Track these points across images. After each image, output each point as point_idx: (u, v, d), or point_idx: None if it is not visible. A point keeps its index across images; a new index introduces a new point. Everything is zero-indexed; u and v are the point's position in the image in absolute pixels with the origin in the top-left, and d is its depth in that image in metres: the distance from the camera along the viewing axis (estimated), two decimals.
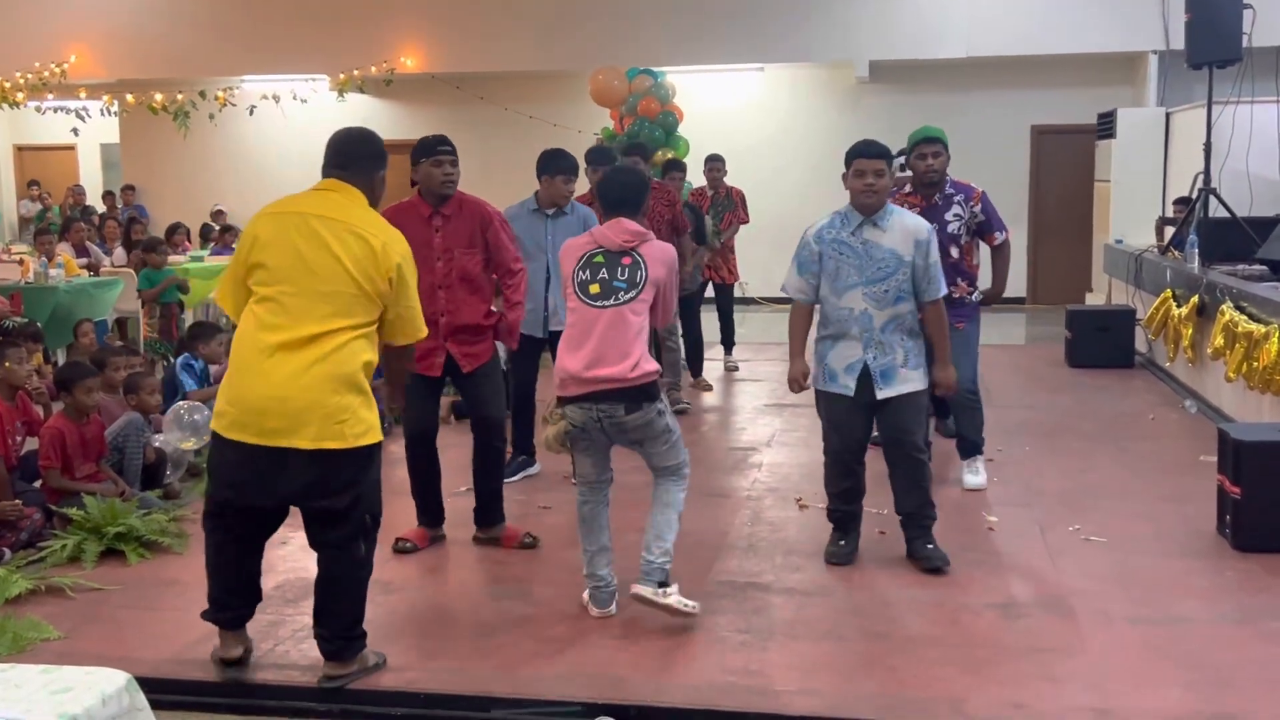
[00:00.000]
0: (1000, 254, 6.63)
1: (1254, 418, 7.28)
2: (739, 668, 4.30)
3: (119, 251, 13.34)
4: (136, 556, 5.56)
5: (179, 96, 15.79)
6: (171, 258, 13.57)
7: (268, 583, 5.14)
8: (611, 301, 4.53)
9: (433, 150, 5.51)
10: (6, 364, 6.14)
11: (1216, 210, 9.63)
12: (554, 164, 6.67)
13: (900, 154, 7.05)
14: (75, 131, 16.29)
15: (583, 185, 7.26)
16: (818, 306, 5.32)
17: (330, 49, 15.99)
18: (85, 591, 5.14)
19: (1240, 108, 9.87)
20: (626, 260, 4.60)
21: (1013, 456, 7.27)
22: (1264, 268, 8.65)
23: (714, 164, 10.52)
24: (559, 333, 4.86)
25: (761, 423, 8.48)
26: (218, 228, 15.79)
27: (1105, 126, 13.47)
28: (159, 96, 15.79)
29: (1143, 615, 4.68)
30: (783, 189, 16.10)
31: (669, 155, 13.79)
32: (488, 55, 15.88)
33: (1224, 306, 7.72)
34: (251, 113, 16.34)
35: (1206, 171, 9.59)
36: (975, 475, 6.62)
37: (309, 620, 4.58)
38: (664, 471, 4.76)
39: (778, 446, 7.77)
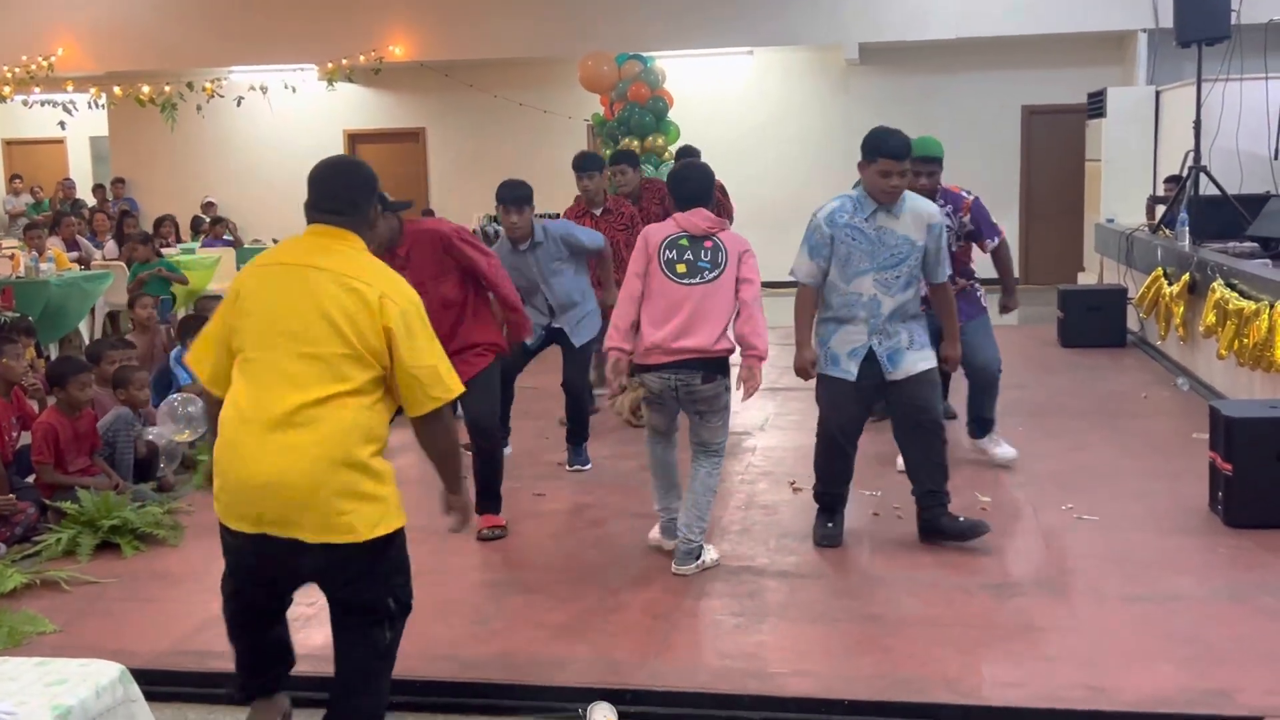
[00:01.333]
0: (999, 258, 6.63)
1: (1245, 395, 7.30)
2: (734, 651, 4.31)
3: (110, 245, 13.32)
4: (131, 549, 5.56)
5: (166, 88, 15.74)
6: (163, 250, 13.58)
7: None
8: (698, 280, 4.95)
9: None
10: (4, 360, 6.14)
11: (1207, 188, 9.64)
12: (500, 196, 6.44)
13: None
14: (62, 125, 16.22)
15: (568, 189, 7.31)
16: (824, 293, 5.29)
17: (318, 38, 15.94)
18: (80, 585, 5.15)
19: (1230, 85, 9.86)
20: (708, 244, 5.03)
21: (1006, 437, 7.27)
22: (1254, 245, 8.66)
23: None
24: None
25: (755, 407, 8.48)
26: (208, 219, 15.76)
27: (1095, 106, 13.47)
28: (146, 89, 15.74)
29: (1136, 593, 4.70)
30: (774, 172, 16.11)
31: (659, 140, 13.79)
32: (476, 42, 15.84)
33: (1215, 284, 7.73)
34: (239, 104, 16.29)
35: (1197, 149, 9.60)
36: (1004, 448, 6.71)
37: (306, 610, 4.59)
38: (707, 448, 5.14)
39: (771, 431, 7.78)
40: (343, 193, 3.53)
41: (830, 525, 5.45)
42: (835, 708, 3.91)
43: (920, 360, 5.21)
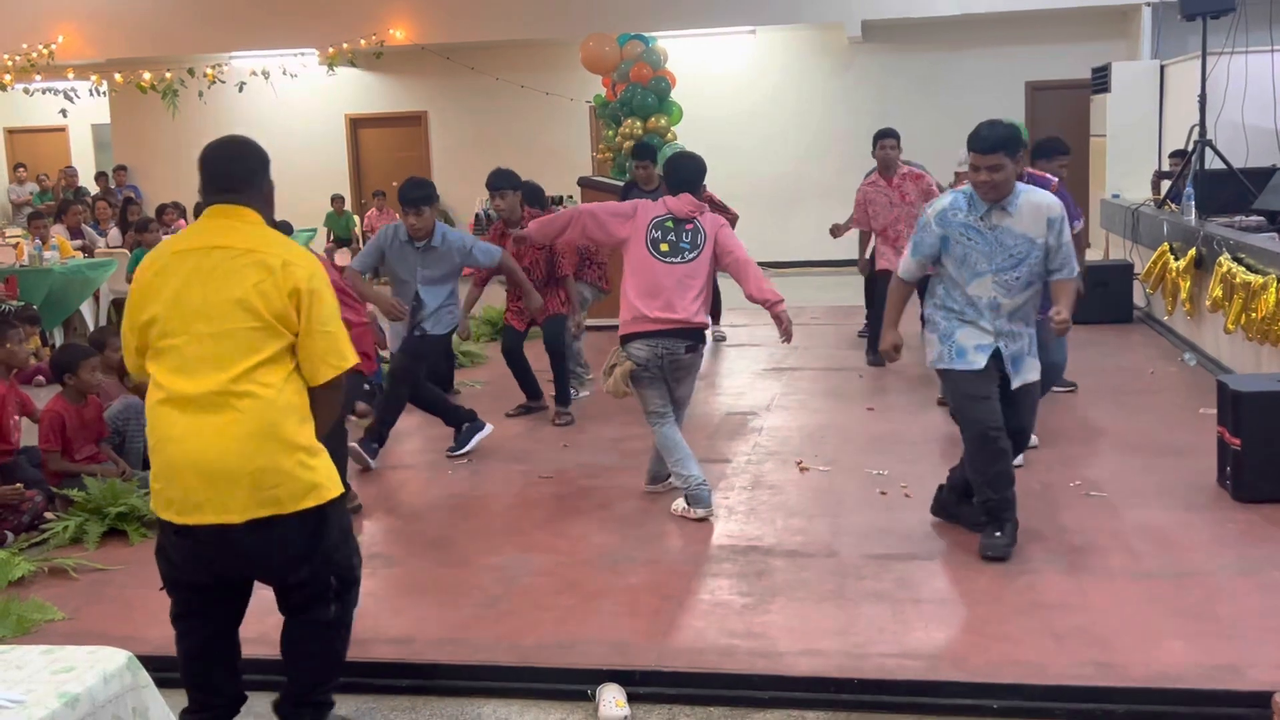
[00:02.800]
0: (1075, 243, 5.97)
1: (1253, 369, 7.27)
2: (742, 630, 4.31)
3: (114, 232, 13.32)
4: (139, 536, 5.56)
5: (167, 75, 15.71)
6: (166, 236, 13.56)
7: None
8: (679, 260, 5.53)
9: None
10: (7, 345, 6.13)
11: (1213, 162, 9.60)
12: (401, 196, 6.51)
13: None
14: (64, 113, 16.21)
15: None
16: (941, 287, 4.99)
17: (318, 23, 15.90)
18: (88, 572, 5.15)
19: (1235, 58, 9.80)
20: (689, 226, 5.60)
21: None
22: (1261, 218, 8.63)
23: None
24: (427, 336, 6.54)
25: (760, 387, 8.48)
26: None
27: (1100, 81, 13.39)
28: (147, 75, 15.71)
29: (1144, 569, 4.69)
30: (776, 151, 16.06)
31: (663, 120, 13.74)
32: (478, 25, 15.79)
33: (1221, 258, 7.70)
34: (241, 89, 16.26)
35: (1202, 123, 9.55)
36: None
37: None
38: (680, 405, 5.79)
39: (777, 410, 7.77)
40: (235, 170, 3.54)
41: (998, 535, 4.90)
42: (844, 686, 3.91)
43: (1034, 369, 4.97)
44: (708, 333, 5.64)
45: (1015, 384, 4.89)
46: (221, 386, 3.28)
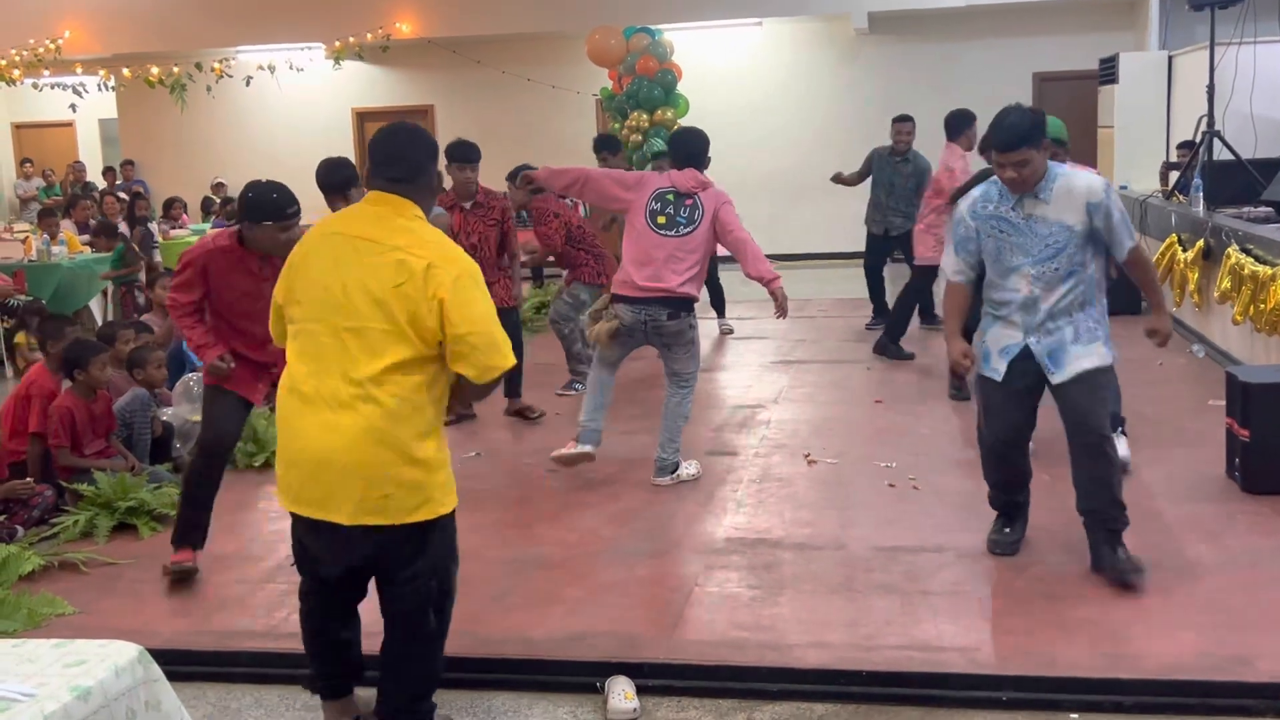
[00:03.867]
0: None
1: (1262, 360, 7.26)
2: (750, 623, 4.31)
3: (121, 227, 13.32)
4: (148, 530, 5.58)
5: (175, 69, 15.72)
6: (174, 231, 13.60)
7: (280, 552, 5.18)
8: (673, 233, 5.78)
9: (282, 214, 4.69)
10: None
11: (1221, 153, 9.56)
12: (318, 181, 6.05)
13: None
14: (73, 108, 16.23)
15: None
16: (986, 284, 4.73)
17: (325, 16, 15.88)
18: (99, 566, 5.17)
19: (1243, 48, 9.76)
20: (689, 201, 5.83)
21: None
22: (1269, 209, 8.60)
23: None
24: None
25: (768, 380, 8.48)
26: (218, 200, 15.76)
27: (1107, 71, 13.35)
28: (155, 70, 15.72)
29: (1154, 560, 4.67)
30: (783, 143, 16.02)
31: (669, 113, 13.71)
32: (484, 18, 15.77)
33: (1230, 249, 7.68)
34: (248, 84, 16.26)
35: (1210, 114, 9.51)
36: (1124, 447, 5.72)
37: None
38: (678, 378, 5.99)
39: (785, 403, 7.76)
40: (403, 159, 3.44)
41: (1007, 530, 4.89)
42: (853, 679, 3.91)
43: (1086, 356, 4.51)
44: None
45: (1056, 379, 4.53)
46: (347, 385, 3.25)
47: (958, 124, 8.58)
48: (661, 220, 5.79)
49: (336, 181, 6.00)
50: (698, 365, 6.06)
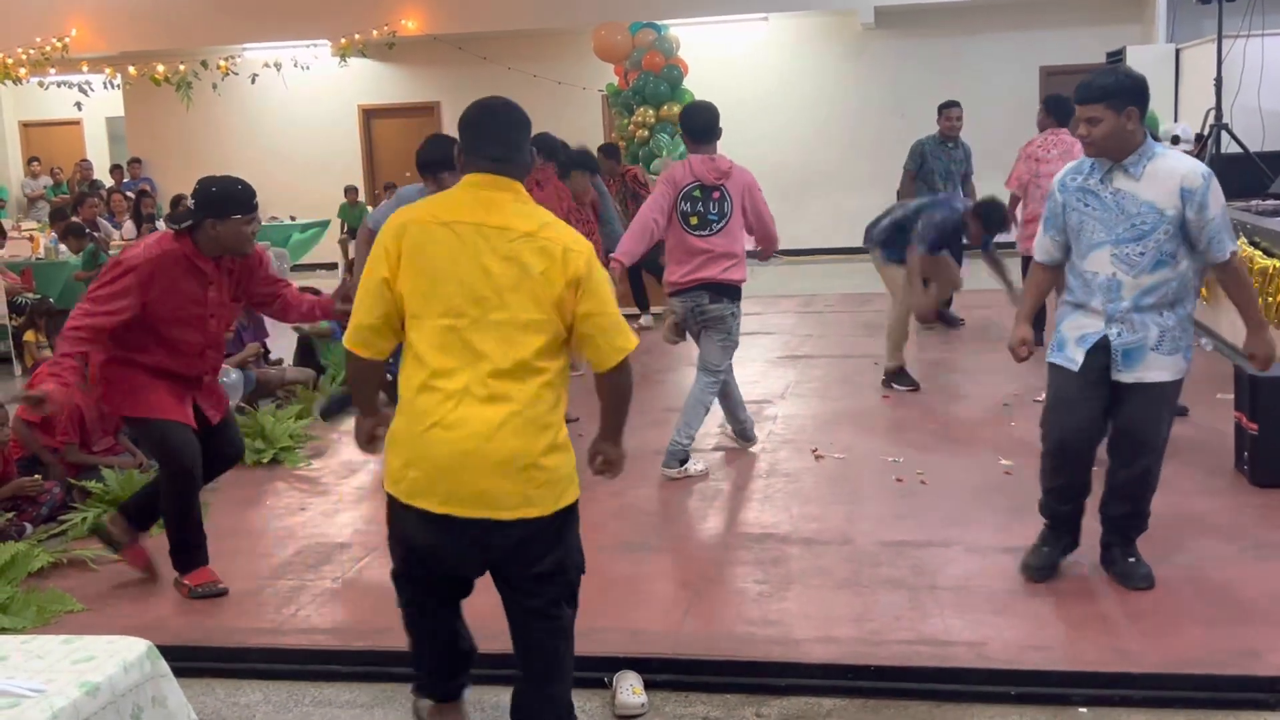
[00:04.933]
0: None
1: None
2: (758, 618, 4.31)
3: (128, 225, 13.36)
4: (157, 527, 5.57)
5: (181, 67, 15.74)
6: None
7: (288, 549, 5.19)
8: (707, 233, 5.90)
9: (251, 204, 4.53)
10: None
11: (1229, 146, 9.55)
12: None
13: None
14: (79, 106, 16.26)
15: None
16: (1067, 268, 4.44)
17: (331, 13, 15.90)
18: (107, 563, 5.16)
19: (1251, 41, 9.75)
20: (716, 195, 5.90)
21: (1027, 399, 7.25)
22: (1278, 202, 8.58)
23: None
24: None
25: (775, 375, 8.47)
26: None
27: (1114, 65, 13.34)
28: (161, 68, 15.74)
29: (1162, 554, 4.66)
30: (789, 139, 16.02)
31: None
32: (489, 14, 15.77)
33: (1239, 242, 7.65)
34: (254, 81, 16.28)
35: (1218, 107, 9.50)
36: None
37: (330, 585, 4.61)
38: (707, 366, 6.07)
39: (792, 398, 7.76)
40: (504, 137, 3.31)
41: (1045, 550, 4.52)
42: (861, 673, 3.90)
43: (1161, 368, 4.24)
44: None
45: (1122, 378, 4.25)
46: (496, 376, 3.16)
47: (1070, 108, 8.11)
48: (694, 221, 5.88)
49: (439, 159, 5.74)
50: (729, 359, 6.09)
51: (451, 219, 3.22)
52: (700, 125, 5.97)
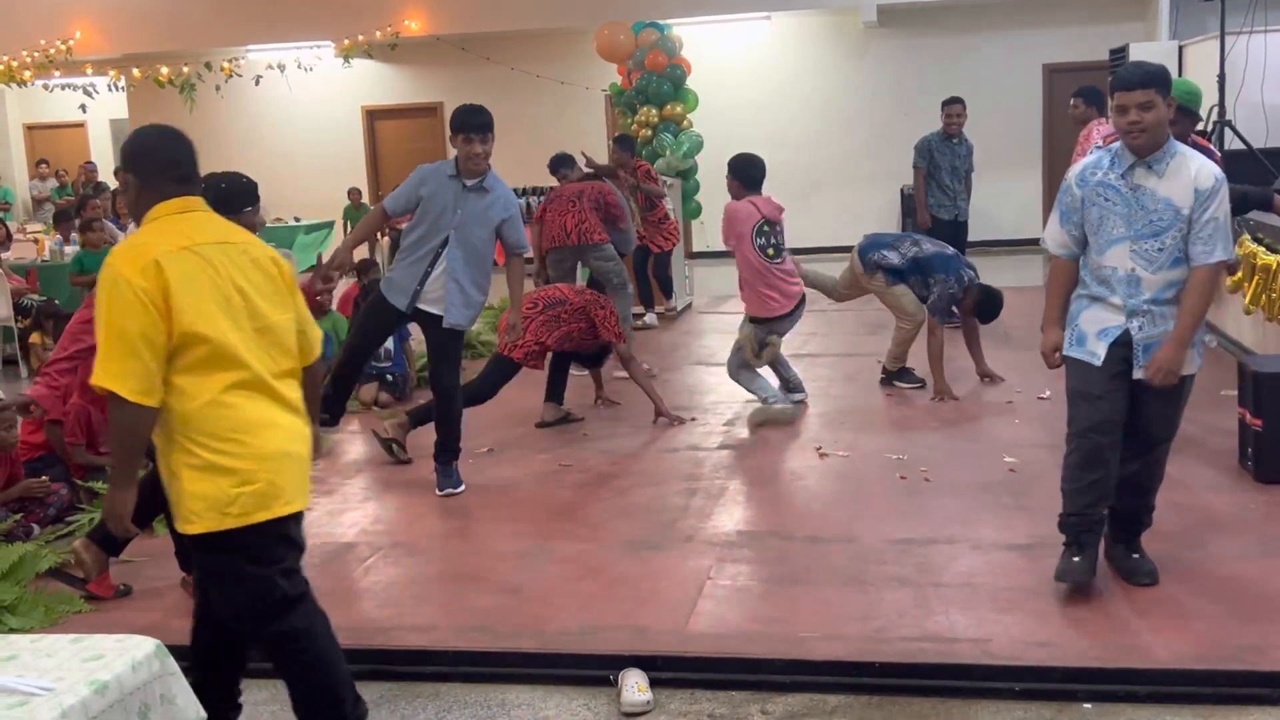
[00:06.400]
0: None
1: (1273, 350, 7.24)
2: (763, 615, 4.32)
3: (132, 227, 13.36)
4: (162, 528, 5.56)
5: (185, 69, 15.76)
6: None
7: None
8: (780, 259, 7.13)
9: (255, 196, 4.51)
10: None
11: (1232, 142, 9.55)
12: (463, 122, 5.72)
13: None
14: (83, 108, 16.28)
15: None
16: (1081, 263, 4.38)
17: (334, 14, 15.91)
18: (114, 563, 5.17)
19: (1254, 38, 9.76)
20: (778, 227, 7.15)
21: (1031, 397, 7.26)
22: None
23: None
24: (427, 313, 5.76)
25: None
26: None
27: (1117, 63, 13.29)
28: (165, 70, 15.76)
29: (1165, 550, 4.67)
30: (792, 138, 16.02)
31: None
32: (492, 15, 15.79)
33: (1242, 239, 7.65)
34: (258, 83, 16.30)
35: (1221, 103, 9.50)
36: None
37: (337, 585, 4.62)
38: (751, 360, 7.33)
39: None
40: (191, 159, 3.32)
41: (1076, 559, 4.31)
42: (866, 670, 3.91)
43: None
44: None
45: (1139, 374, 4.22)
46: (283, 379, 3.29)
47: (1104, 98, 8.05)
48: (771, 252, 7.07)
49: (481, 121, 5.69)
50: None
51: (196, 242, 3.19)
52: (758, 175, 7.19)
